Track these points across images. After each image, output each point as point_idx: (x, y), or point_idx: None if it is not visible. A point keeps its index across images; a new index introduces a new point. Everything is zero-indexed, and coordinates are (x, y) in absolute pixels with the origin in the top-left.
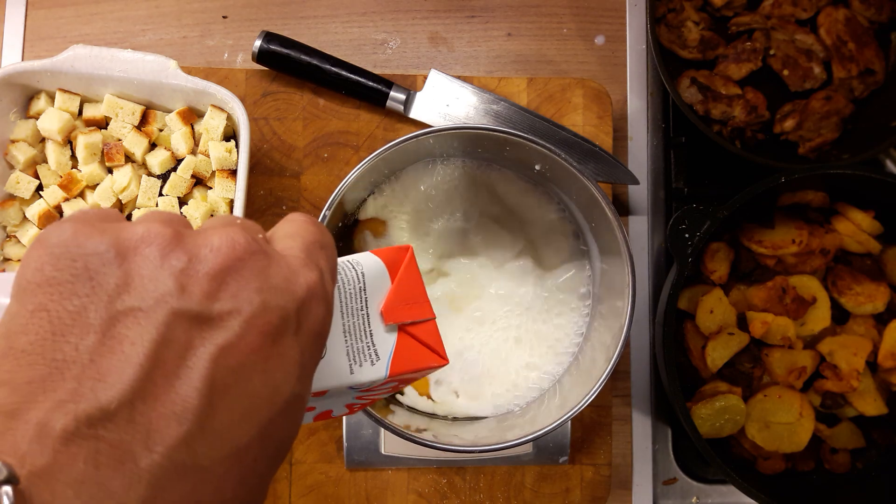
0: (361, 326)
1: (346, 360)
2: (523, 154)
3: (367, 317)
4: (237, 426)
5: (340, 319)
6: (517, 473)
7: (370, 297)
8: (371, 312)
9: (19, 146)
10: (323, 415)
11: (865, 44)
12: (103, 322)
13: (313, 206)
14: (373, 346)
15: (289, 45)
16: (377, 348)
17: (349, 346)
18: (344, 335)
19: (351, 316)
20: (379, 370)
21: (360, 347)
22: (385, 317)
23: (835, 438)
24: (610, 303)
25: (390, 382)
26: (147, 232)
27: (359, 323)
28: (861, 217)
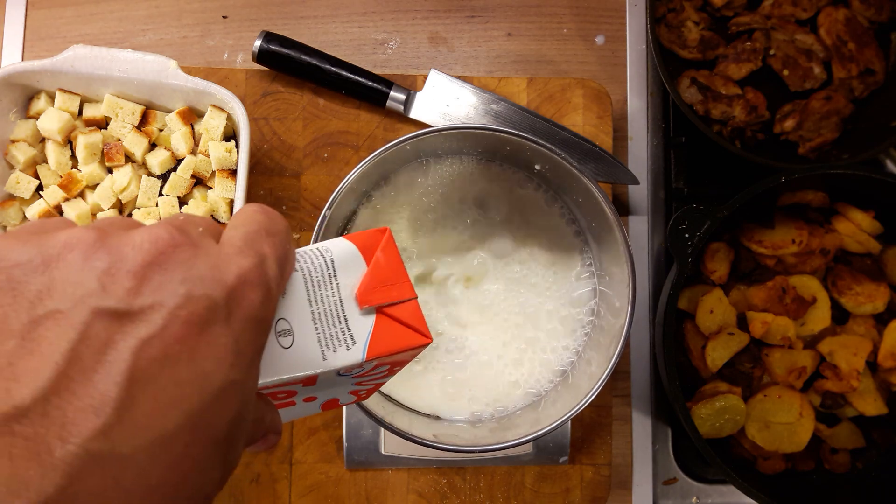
0: (334, 312)
1: (318, 347)
2: (523, 154)
3: (339, 302)
4: (162, 415)
5: (308, 307)
6: (517, 473)
7: (342, 282)
8: (344, 297)
9: (19, 146)
10: (329, 403)
11: (865, 44)
12: (23, 327)
13: (313, 206)
14: (347, 330)
15: (289, 45)
16: (352, 332)
17: (320, 333)
18: (314, 322)
19: (321, 303)
20: (355, 354)
21: (332, 333)
22: (360, 300)
23: (835, 438)
24: (610, 303)
25: (381, 366)
26: (70, 238)
27: (330, 309)
28: (861, 217)
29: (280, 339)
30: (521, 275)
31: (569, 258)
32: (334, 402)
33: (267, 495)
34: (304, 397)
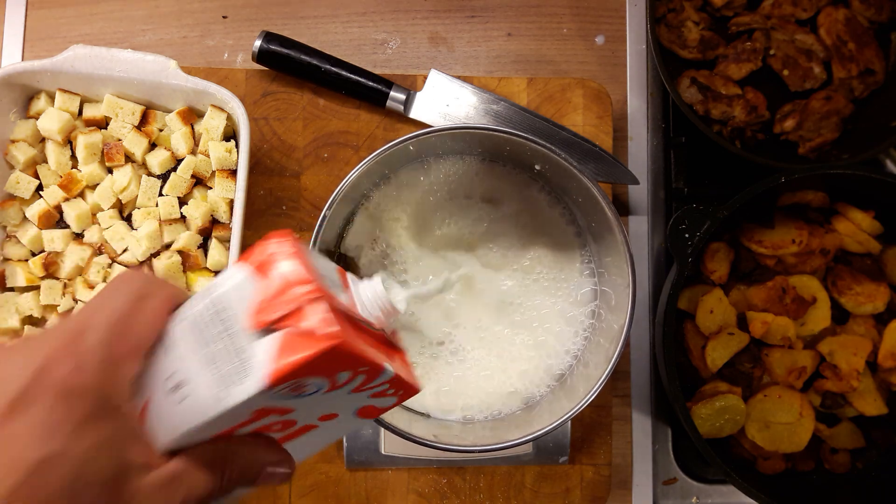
0: (229, 348)
1: (214, 390)
2: (523, 154)
3: (231, 336)
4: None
5: (200, 352)
6: (517, 473)
7: (234, 314)
8: (239, 329)
9: (19, 146)
10: (364, 411)
11: (865, 44)
12: None
13: (313, 206)
14: (245, 362)
15: (289, 45)
16: (249, 363)
17: (216, 375)
18: (206, 366)
19: (213, 343)
20: (252, 385)
21: (229, 370)
22: (253, 326)
23: (835, 438)
24: (610, 303)
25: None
26: None
27: (224, 346)
28: (861, 217)
29: (172, 395)
30: (519, 274)
31: (570, 258)
32: (371, 410)
33: (267, 495)
34: (315, 418)
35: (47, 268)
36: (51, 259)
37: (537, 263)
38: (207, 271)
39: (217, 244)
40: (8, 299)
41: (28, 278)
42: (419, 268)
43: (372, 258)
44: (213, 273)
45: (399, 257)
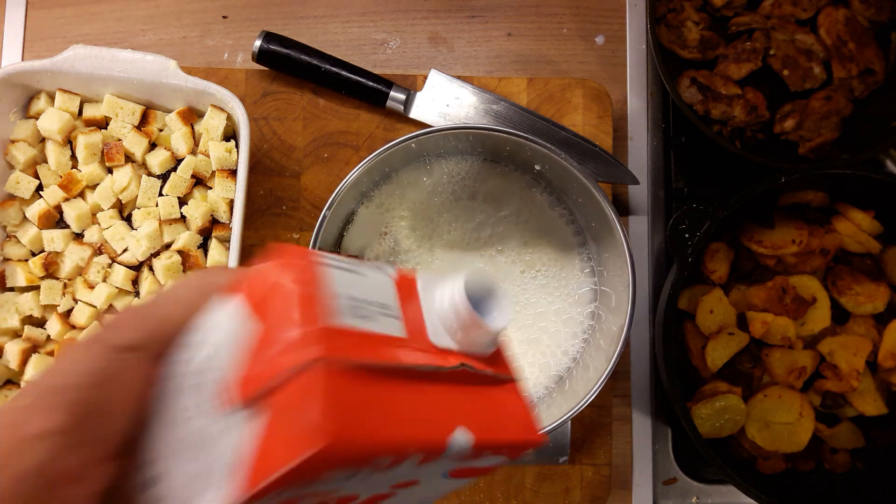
0: (203, 431)
1: (190, 489)
2: (523, 154)
3: (209, 411)
4: None
5: (175, 435)
6: (517, 473)
7: (219, 376)
8: (215, 403)
9: (19, 146)
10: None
11: (865, 44)
12: None
13: (313, 206)
14: (222, 455)
15: (289, 45)
16: (228, 458)
17: (193, 470)
18: (185, 452)
19: (196, 419)
20: (225, 496)
21: (206, 465)
22: (238, 398)
23: (835, 438)
24: (610, 303)
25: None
26: None
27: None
28: (861, 217)
29: (148, 491)
30: (519, 274)
31: (570, 258)
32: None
33: None
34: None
35: (47, 268)
36: (51, 259)
37: (537, 263)
38: None
39: (217, 244)
40: (8, 299)
41: (28, 278)
42: (424, 267)
43: (375, 256)
44: None
45: (404, 257)
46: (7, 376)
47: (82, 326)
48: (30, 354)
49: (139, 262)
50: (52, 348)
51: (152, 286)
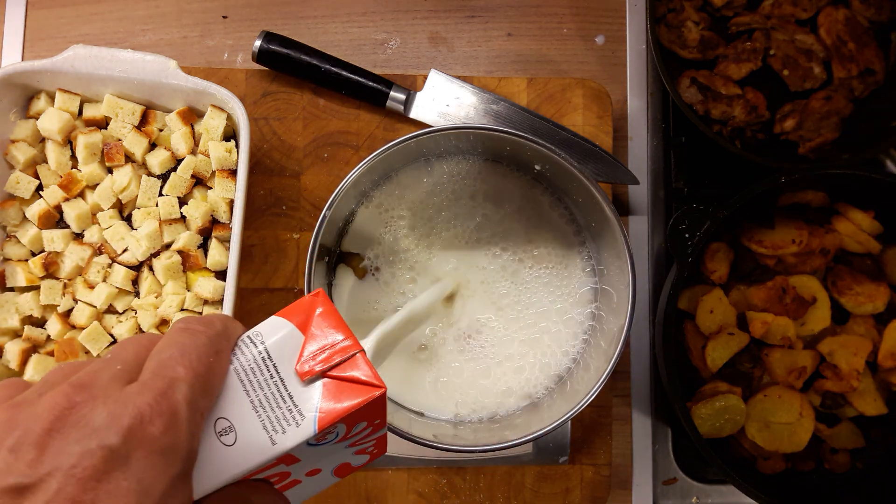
0: (276, 395)
1: (265, 434)
2: (523, 154)
3: (280, 383)
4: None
5: (247, 398)
6: (517, 473)
7: (280, 362)
8: (285, 377)
9: (19, 146)
10: (341, 469)
11: (865, 44)
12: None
13: (313, 206)
14: (294, 408)
15: (289, 45)
16: (300, 408)
17: (265, 420)
18: (255, 411)
19: (259, 389)
20: (306, 429)
21: (278, 416)
22: (300, 375)
23: (835, 438)
24: (610, 303)
25: (359, 425)
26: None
27: (271, 392)
28: (861, 217)
29: (222, 438)
30: (520, 274)
31: (570, 258)
32: (346, 468)
33: None
34: (304, 472)
35: (47, 268)
36: (51, 259)
37: (537, 262)
38: (207, 271)
39: (217, 244)
40: (8, 299)
41: (28, 278)
42: (423, 266)
43: (375, 256)
44: (213, 273)
45: (404, 256)
46: (7, 376)
47: (82, 326)
48: (30, 354)
49: (139, 262)
50: (51, 348)
51: (152, 286)
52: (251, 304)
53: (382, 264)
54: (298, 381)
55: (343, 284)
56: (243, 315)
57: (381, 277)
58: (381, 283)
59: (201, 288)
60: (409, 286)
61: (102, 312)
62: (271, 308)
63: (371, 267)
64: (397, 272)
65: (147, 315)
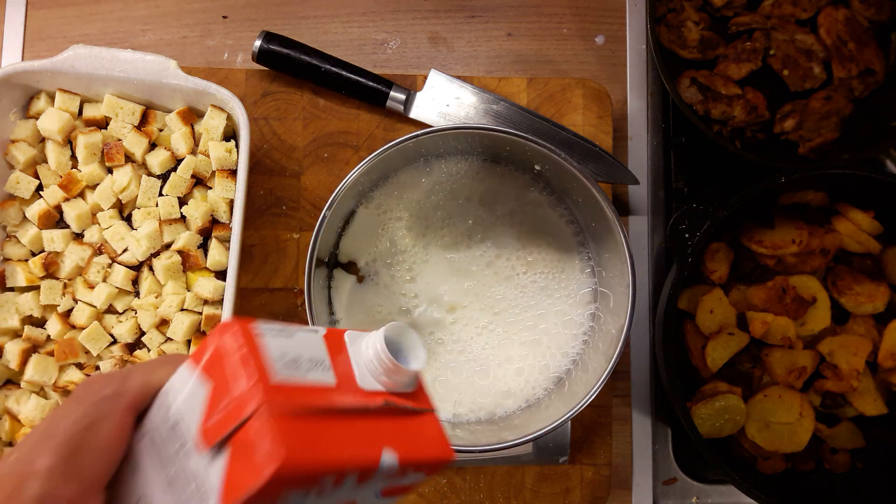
0: (185, 470)
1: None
2: (523, 154)
3: (186, 456)
4: None
5: (161, 473)
6: (517, 473)
7: (187, 429)
8: (189, 449)
9: (19, 146)
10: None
11: (865, 44)
12: None
13: (313, 206)
14: (198, 488)
15: (289, 45)
16: (203, 489)
17: (176, 501)
18: (169, 490)
19: (170, 463)
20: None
21: (186, 498)
22: (200, 445)
23: (835, 438)
24: (609, 303)
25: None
26: None
27: (181, 467)
28: (861, 217)
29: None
30: (520, 275)
31: (570, 259)
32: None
33: None
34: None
35: (47, 268)
36: (51, 259)
37: (537, 263)
38: (207, 271)
39: (217, 244)
40: (8, 299)
41: (28, 278)
42: (422, 266)
43: (374, 257)
44: (213, 273)
45: (403, 257)
46: (7, 376)
47: (82, 326)
48: (30, 354)
49: (139, 262)
50: (51, 348)
51: (152, 286)
52: (251, 304)
53: (381, 267)
54: (202, 452)
55: (342, 287)
56: (243, 315)
57: (381, 280)
58: (381, 286)
59: (201, 288)
60: (408, 286)
61: (102, 312)
62: (271, 308)
63: (371, 271)
64: (396, 274)
65: (147, 315)
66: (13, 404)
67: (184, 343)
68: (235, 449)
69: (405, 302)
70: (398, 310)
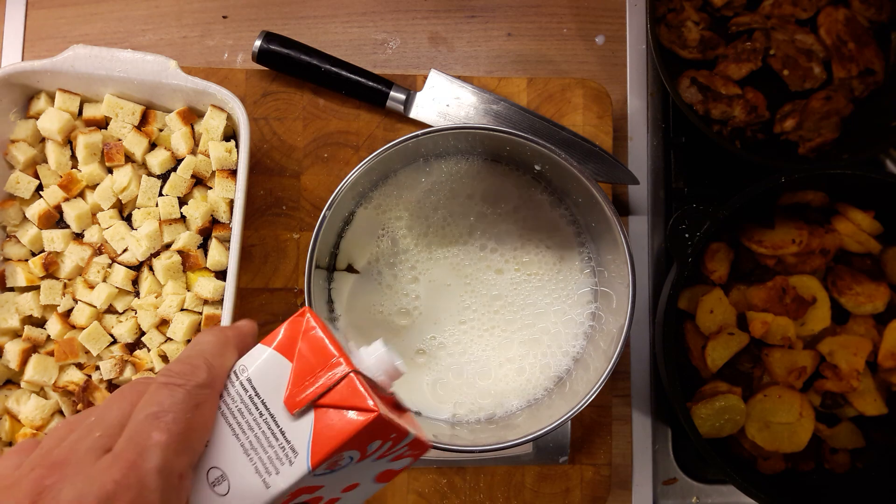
0: (267, 433)
1: (258, 478)
2: (523, 154)
3: (270, 419)
4: None
5: (237, 442)
6: (517, 473)
7: (268, 397)
8: (275, 412)
9: (19, 146)
10: (384, 475)
11: (865, 44)
12: None
13: (313, 206)
14: (286, 444)
15: (289, 45)
16: (292, 444)
17: (257, 462)
18: (247, 454)
19: (249, 430)
20: (299, 468)
21: (270, 456)
22: (290, 407)
23: (835, 438)
24: (610, 303)
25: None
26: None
27: (262, 431)
28: (861, 217)
29: (215, 488)
30: (519, 275)
31: (570, 259)
32: (388, 474)
33: None
34: (339, 489)
35: (47, 268)
36: (51, 259)
37: (537, 263)
38: (207, 271)
39: (217, 244)
40: (8, 299)
41: (28, 278)
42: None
43: (375, 257)
44: (213, 273)
45: (403, 257)
46: (7, 376)
47: (82, 326)
48: (30, 354)
49: (139, 262)
50: (51, 348)
51: (152, 286)
52: (251, 304)
53: (383, 267)
54: (288, 414)
55: (342, 287)
56: (243, 315)
57: (383, 280)
58: (383, 286)
59: (201, 288)
60: (411, 286)
61: (102, 312)
62: (271, 308)
63: (372, 271)
64: (398, 273)
65: (147, 315)
66: (13, 404)
67: (184, 343)
68: (321, 410)
69: (406, 302)
70: (398, 310)
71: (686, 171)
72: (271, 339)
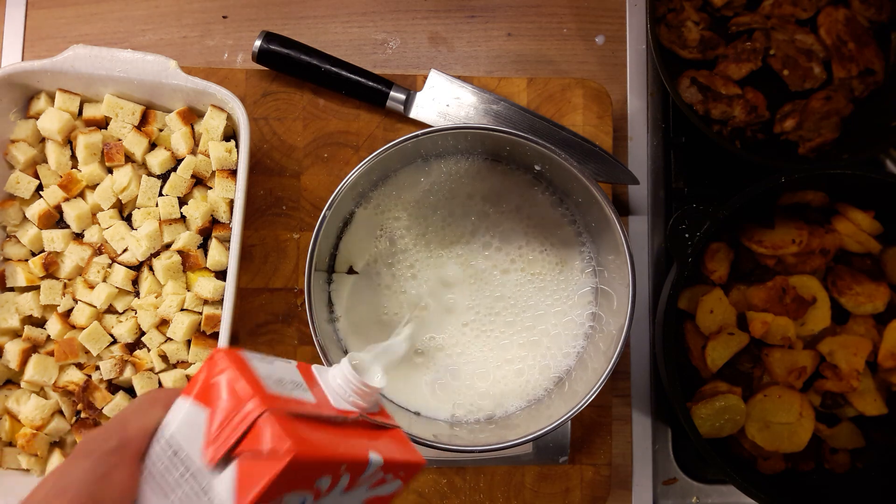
0: (190, 493)
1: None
2: (523, 154)
3: (193, 478)
4: None
5: (165, 500)
6: (517, 473)
7: (192, 452)
8: (197, 469)
9: (19, 146)
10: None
11: (865, 44)
12: None
13: (313, 206)
14: (210, 500)
15: (289, 45)
16: (217, 498)
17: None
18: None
19: (172, 491)
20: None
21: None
22: (208, 462)
23: (835, 438)
24: (610, 303)
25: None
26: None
27: (185, 491)
28: (861, 217)
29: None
30: (519, 275)
31: (571, 259)
32: (378, 500)
33: None
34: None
35: (47, 268)
36: (51, 259)
37: (540, 262)
38: (207, 271)
39: (217, 244)
40: (8, 299)
41: (28, 278)
42: (423, 264)
43: (374, 257)
44: (213, 273)
45: (402, 257)
46: (7, 376)
47: (82, 326)
48: (30, 354)
49: (139, 262)
50: (51, 348)
51: (152, 286)
52: (251, 304)
53: (382, 267)
54: (209, 468)
55: (342, 287)
56: (243, 315)
57: (382, 280)
58: (382, 286)
59: (201, 288)
60: (410, 283)
61: (102, 312)
62: (271, 308)
63: (371, 271)
64: (397, 273)
65: (147, 315)
66: (13, 404)
67: (183, 343)
68: (243, 455)
69: (406, 301)
70: (398, 310)
71: (686, 171)
72: (190, 387)
